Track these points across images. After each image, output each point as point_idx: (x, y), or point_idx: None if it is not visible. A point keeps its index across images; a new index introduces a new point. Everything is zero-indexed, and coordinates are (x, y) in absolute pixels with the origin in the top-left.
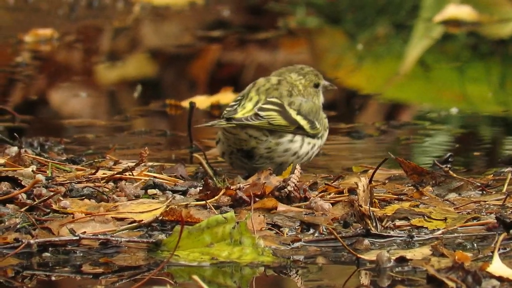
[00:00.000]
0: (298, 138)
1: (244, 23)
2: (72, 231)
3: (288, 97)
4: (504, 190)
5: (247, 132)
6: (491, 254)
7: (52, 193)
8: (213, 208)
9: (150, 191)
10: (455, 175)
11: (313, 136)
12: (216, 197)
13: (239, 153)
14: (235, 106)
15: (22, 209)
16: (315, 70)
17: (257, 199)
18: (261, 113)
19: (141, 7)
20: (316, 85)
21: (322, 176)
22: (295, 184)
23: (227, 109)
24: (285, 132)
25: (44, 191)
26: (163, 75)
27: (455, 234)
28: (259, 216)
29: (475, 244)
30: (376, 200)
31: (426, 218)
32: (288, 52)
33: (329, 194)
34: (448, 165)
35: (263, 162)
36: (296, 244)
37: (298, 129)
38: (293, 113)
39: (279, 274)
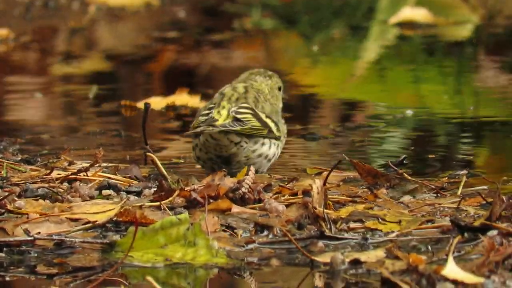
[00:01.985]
0: (267, 141)
1: (200, 24)
2: (27, 232)
3: (255, 103)
4: (459, 192)
5: (229, 138)
6: (445, 257)
7: (6, 193)
8: (167, 209)
9: (105, 192)
10: (409, 177)
11: (277, 138)
12: (170, 198)
13: (218, 159)
14: (210, 114)
15: None
16: (276, 74)
17: (211, 201)
18: (239, 116)
19: (96, 8)
20: (279, 88)
21: (276, 177)
22: (249, 186)
23: (201, 118)
24: (260, 136)
25: None
26: (119, 75)
27: (410, 237)
28: (213, 217)
29: (429, 247)
30: (330, 202)
31: (380, 220)
32: (244, 53)
33: (283, 196)
34: (403, 168)
35: (239, 167)
36: (250, 246)
37: (269, 132)
38: (263, 116)
39: (233, 276)
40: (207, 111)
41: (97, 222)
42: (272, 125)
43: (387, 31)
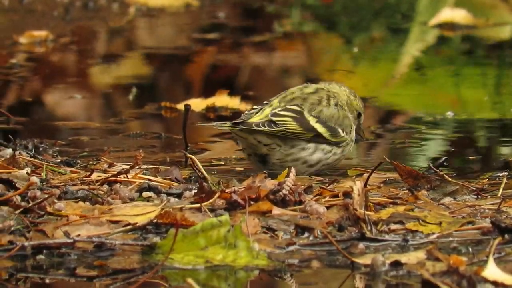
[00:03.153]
0: (311, 145)
1: (240, 25)
2: (67, 234)
3: (314, 105)
4: (499, 194)
5: (255, 137)
6: (486, 258)
7: (46, 196)
8: (208, 211)
9: (145, 194)
10: (450, 179)
11: (335, 144)
12: (211, 200)
13: (255, 157)
14: (254, 111)
15: (17, 212)
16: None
17: (252, 202)
18: (275, 119)
19: (136, 9)
20: (359, 114)
21: (317, 179)
22: (290, 188)
23: (246, 112)
24: (300, 140)
25: (38, 193)
26: (159, 77)
27: (450, 238)
28: (254, 219)
29: (470, 249)
30: (371, 204)
31: (421, 222)
32: (284, 55)
33: (324, 197)
34: (443, 169)
35: (276, 169)
36: (291, 248)
37: (317, 137)
38: (311, 120)
39: (274, 278)
40: (256, 107)
41: (137, 224)
42: (322, 129)
43: (427, 32)
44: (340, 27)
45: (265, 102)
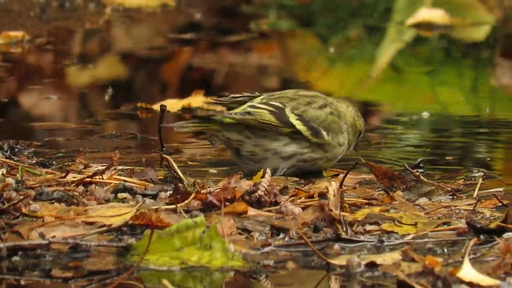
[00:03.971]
0: (285, 138)
1: (216, 25)
2: (42, 235)
3: (300, 105)
4: (475, 195)
5: (224, 135)
6: (461, 259)
7: (22, 197)
8: (183, 212)
9: (120, 195)
10: (425, 179)
11: (317, 145)
12: (186, 201)
13: (232, 150)
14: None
15: None
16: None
17: (227, 203)
18: (250, 110)
19: (112, 9)
20: (359, 133)
21: (292, 180)
22: (266, 189)
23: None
24: (277, 134)
25: (14, 194)
26: (135, 77)
27: (426, 239)
28: (229, 220)
29: (445, 249)
30: (347, 205)
31: (396, 223)
32: (260, 55)
33: (300, 198)
34: (420, 170)
35: (247, 163)
36: (266, 249)
37: (295, 133)
38: (291, 117)
39: (249, 279)
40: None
41: (112, 226)
42: (301, 127)
43: (404, 32)
44: (317, 27)
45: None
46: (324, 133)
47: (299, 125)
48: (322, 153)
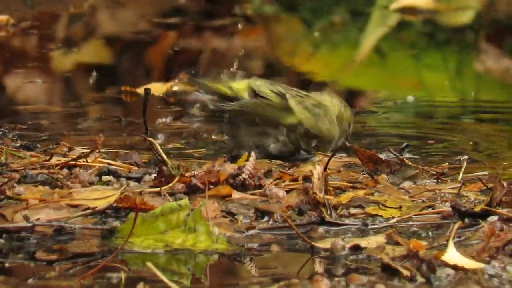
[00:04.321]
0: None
1: (201, 9)
2: (26, 218)
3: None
4: (459, 178)
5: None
6: (446, 242)
7: (6, 180)
8: (167, 195)
9: (104, 178)
10: (410, 163)
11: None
12: (170, 184)
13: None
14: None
15: None
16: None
17: (211, 187)
18: (257, 90)
19: None
20: (349, 125)
21: (277, 163)
22: (250, 172)
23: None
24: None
25: None
26: (119, 61)
27: (410, 223)
28: (213, 203)
29: (430, 233)
30: (331, 188)
31: (380, 206)
32: (245, 39)
33: (284, 181)
34: (404, 154)
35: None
36: (251, 232)
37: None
38: (292, 102)
39: (233, 262)
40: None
41: (97, 208)
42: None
43: (388, 16)
44: (301, 11)
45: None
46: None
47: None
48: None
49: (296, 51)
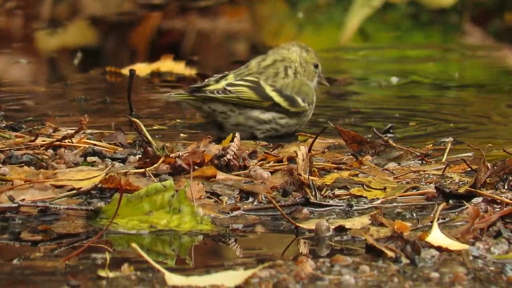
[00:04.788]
0: (268, 114)
1: None
2: (11, 198)
3: (270, 77)
4: (444, 159)
5: (210, 106)
6: (430, 224)
7: None
8: (152, 176)
9: (89, 159)
10: (394, 144)
11: (296, 115)
12: (155, 165)
13: (213, 124)
14: (208, 81)
15: None
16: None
17: (196, 167)
18: (230, 88)
19: None
20: (315, 66)
21: (261, 144)
22: (235, 153)
23: (203, 83)
24: (257, 108)
25: None
26: (104, 42)
27: (394, 204)
28: (198, 184)
29: (414, 214)
30: (316, 169)
31: (365, 187)
32: (229, 20)
33: (269, 162)
34: (389, 135)
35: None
36: (235, 213)
37: (274, 106)
38: (267, 88)
39: (218, 243)
40: (210, 78)
41: (81, 189)
42: (278, 99)
43: None
44: None
45: (220, 75)
46: (299, 100)
47: (276, 97)
48: (297, 120)
49: (280, 32)
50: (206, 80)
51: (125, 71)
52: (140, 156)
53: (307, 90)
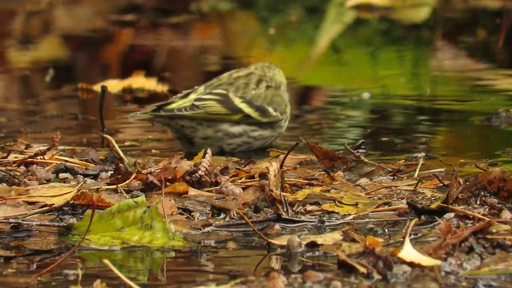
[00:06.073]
0: (238, 127)
1: (157, 7)
2: None
3: (240, 88)
4: (416, 175)
5: (177, 122)
6: (402, 239)
7: None
8: (124, 192)
9: (61, 175)
10: (366, 160)
11: (269, 125)
12: (127, 181)
13: (183, 139)
14: (178, 96)
15: None
16: None
17: (168, 184)
18: (197, 103)
19: None
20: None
21: (233, 160)
22: (206, 169)
23: (173, 97)
24: (226, 121)
25: None
26: (76, 59)
27: (366, 219)
28: (170, 200)
29: (386, 230)
30: (287, 185)
31: (337, 203)
32: (201, 37)
33: (240, 178)
34: (360, 151)
35: (202, 147)
36: (207, 229)
37: (246, 118)
38: (236, 100)
39: (190, 259)
40: (180, 94)
41: (54, 205)
42: (248, 110)
43: (344, 13)
44: (257, 8)
45: (189, 90)
46: (270, 109)
47: (246, 108)
48: (271, 131)
49: (252, 48)
50: (173, 97)
51: (97, 87)
52: (112, 172)
53: (279, 100)
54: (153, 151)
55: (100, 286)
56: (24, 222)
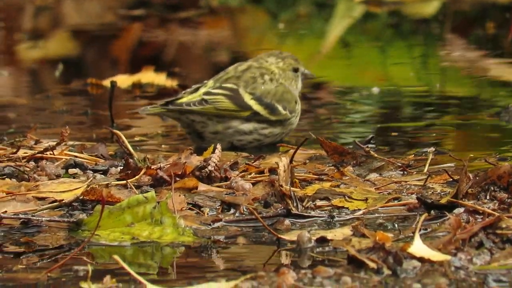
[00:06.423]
0: (248, 125)
1: (166, 1)
2: None
3: (249, 82)
4: (425, 170)
5: (188, 117)
6: (412, 234)
7: None
8: (134, 188)
9: (71, 171)
10: (376, 155)
11: (278, 123)
12: (137, 177)
13: (193, 134)
14: (188, 90)
15: None
16: (293, 55)
17: (177, 179)
18: (207, 97)
19: None
20: (295, 70)
21: (243, 155)
22: (216, 164)
23: (182, 92)
24: (236, 118)
25: None
26: (85, 54)
27: (376, 215)
28: (179, 195)
29: (396, 225)
30: (297, 180)
31: (347, 198)
32: (210, 31)
33: (250, 174)
34: (370, 146)
35: (212, 142)
36: (217, 224)
37: (254, 115)
38: (246, 97)
39: (200, 254)
40: (189, 89)
41: (63, 201)
42: (258, 107)
43: (353, 8)
44: (266, 3)
45: (198, 85)
46: (280, 108)
47: (255, 105)
48: (281, 129)
49: (261, 43)
50: (183, 92)
51: (106, 82)
52: (121, 168)
53: (289, 97)
54: (163, 146)
55: (110, 282)
56: (34, 218)
